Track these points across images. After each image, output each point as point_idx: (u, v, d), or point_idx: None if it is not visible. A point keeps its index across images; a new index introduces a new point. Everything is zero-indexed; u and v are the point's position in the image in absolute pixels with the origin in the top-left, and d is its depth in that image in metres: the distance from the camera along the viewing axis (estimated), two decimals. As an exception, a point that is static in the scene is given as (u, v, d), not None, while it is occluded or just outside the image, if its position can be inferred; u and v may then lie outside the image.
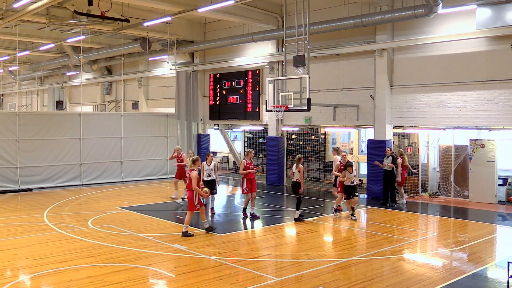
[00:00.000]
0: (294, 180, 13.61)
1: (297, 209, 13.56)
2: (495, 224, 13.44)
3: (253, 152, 14.48)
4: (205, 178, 13.97)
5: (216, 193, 14.56)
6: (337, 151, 15.78)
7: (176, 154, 16.73)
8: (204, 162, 14.12)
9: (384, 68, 17.42)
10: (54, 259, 9.66)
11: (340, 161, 14.81)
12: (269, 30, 19.97)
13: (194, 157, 12.60)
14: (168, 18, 19.12)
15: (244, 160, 14.04)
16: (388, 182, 16.07)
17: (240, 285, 8.30)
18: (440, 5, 14.61)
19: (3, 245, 10.72)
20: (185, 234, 11.58)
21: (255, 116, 22.74)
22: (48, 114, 24.23)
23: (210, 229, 12.10)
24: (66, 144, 20.25)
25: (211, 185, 13.93)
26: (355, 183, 13.77)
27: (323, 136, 22.30)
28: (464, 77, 15.80)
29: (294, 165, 13.67)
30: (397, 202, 16.12)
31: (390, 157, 15.96)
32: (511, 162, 16.79)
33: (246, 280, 8.59)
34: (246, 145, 26.13)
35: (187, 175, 12.23)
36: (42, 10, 17.13)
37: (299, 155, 13.87)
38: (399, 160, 16.20)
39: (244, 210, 14.07)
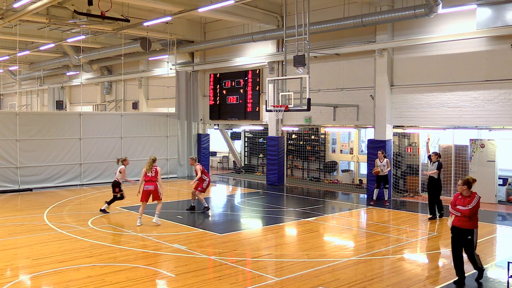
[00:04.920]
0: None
1: (109, 204, 14.54)
2: (495, 224, 13.43)
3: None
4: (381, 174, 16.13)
5: (388, 187, 16.43)
6: (194, 160, 15.07)
7: None
8: (377, 159, 16.11)
9: (384, 68, 17.42)
10: (54, 259, 9.66)
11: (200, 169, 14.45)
12: (269, 30, 19.96)
13: None
14: (168, 18, 19.10)
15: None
16: (433, 191, 13.87)
17: (240, 285, 8.30)
18: (440, 5, 14.60)
19: (3, 245, 10.72)
20: None
21: (255, 116, 22.73)
22: (48, 114, 24.20)
23: None
24: (66, 144, 20.23)
25: (385, 180, 16.26)
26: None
27: (323, 136, 22.32)
28: (464, 77, 15.79)
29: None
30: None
31: (437, 163, 13.72)
32: (511, 162, 16.80)
33: (246, 280, 8.60)
34: (246, 145, 26.16)
35: None
36: (42, 10, 17.12)
37: (119, 158, 15.41)
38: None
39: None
